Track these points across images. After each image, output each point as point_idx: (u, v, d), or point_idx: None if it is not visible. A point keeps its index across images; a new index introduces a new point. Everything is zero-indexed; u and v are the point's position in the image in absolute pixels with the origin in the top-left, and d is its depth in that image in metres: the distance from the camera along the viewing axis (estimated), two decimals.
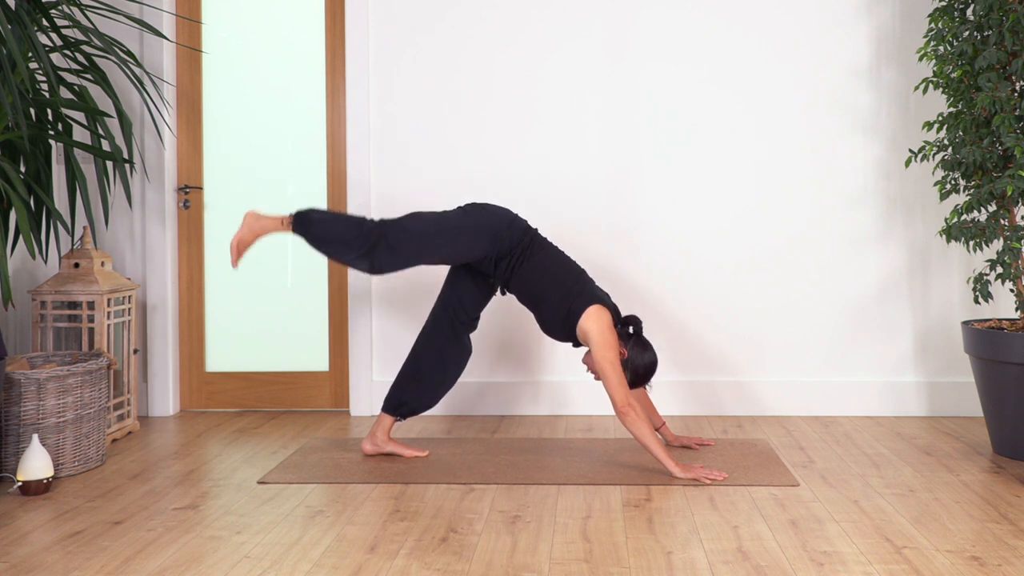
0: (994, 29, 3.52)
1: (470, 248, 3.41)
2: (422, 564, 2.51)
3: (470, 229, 3.40)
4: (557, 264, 3.45)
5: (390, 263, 3.38)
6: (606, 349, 3.30)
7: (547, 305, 3.43)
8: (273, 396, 4.56)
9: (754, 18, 4.33)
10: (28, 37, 3.40)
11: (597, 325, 3.33)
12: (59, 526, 2.85)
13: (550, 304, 3.42)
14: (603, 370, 3.30)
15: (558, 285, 3.41)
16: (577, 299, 3.38)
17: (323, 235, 3.38)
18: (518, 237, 3.44)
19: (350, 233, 3.37)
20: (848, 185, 4.33)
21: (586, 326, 3.34)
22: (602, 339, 3.31)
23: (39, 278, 4.40)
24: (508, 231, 3.43)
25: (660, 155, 4.36)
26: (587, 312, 3.35)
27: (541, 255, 3.45)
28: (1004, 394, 3.50)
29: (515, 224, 3.46)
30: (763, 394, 4.35)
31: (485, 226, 3.41)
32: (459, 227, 3.40)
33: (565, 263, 3.47)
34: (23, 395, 3.32)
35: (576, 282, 3.42)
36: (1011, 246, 3.48)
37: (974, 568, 2.45)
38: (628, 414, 3.25)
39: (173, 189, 4.51)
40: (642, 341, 3.42)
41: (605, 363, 3.29)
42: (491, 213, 3.45)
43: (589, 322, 3.34)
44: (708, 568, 2.46)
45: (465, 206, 3.49)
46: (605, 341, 3.31)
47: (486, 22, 4.39)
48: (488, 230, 3.41)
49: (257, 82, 4.54)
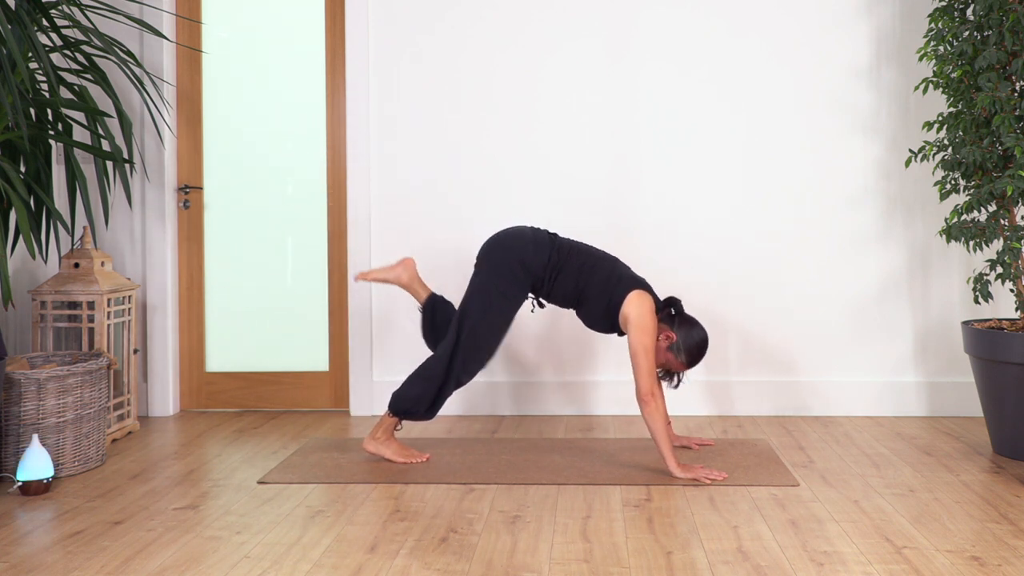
0: (994, 29, 3.52)
1: (518, 293, 3.41)
2: (422, 564, 2.51)
3: (507, 280, 3.39)
4: (589, 262, 3.43)
5: (477, 370, 3.46)
6: (643, 334, 3.28)
7: (589, 302, 3.41)
8: (273, 396, 4.56)
9: (754, 18, 4.33)
10: (28, 37, 3.40)
11: (638, 310, 3.31)
12: (59, 526, 2.85)
13: (591, 301, 3.40)
14: (636, 355, 3.28)
15: (596, 281, 3.39)
16: (617, 287, 3.37)
17: (420, 396, 3.43)
18: (545, 256, 3.42)
19: (432, 384, 3.42)
20: (848, 185, 4.33)
21: (627, 310, 3.33)
22: (641, 323, 3.29)
23: (39, 278, 4.40)
24: (534, 255, 3.41)
25: (660, 155, 4.36)
26: (628, 297, 3.34)
27: (571, 261, 3.43)
28: (1004, 394, 3.50)
29: (538, 242, 3.43)
30: (764, 394, 4.35)
31: (514, 264, 3.39)
32: (499, 291, 3.38)
33: (596, 257, 3.45)
34: (23, 395, 3.32)
35: (612, 271, 3.41)
36: (1011, 246, 3.48)
37: (974, 568, 2.45)
38: (650, 403, 3.25)
39: (173, 189, 4.51)
40: (687, 319, 3.40)
41: (640, 348, 3.27)
42: (511, 247, 3.42)
43: (630, 307, 3.32)
44: (708, 568, 2.46)
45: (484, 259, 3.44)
46: (643, 326, 3.29)
47: (486, 22, 4.39)
48: (518, 266, 3.39)
49: (257, 82, 4.54)
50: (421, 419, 3.50)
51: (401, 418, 3.51)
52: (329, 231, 4.51)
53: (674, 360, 3.43)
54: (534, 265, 3.41)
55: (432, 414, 3.50)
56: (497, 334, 3.42)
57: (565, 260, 3.43)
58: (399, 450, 3.54)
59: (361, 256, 4.40)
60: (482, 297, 3.39)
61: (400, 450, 3.54)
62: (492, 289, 3.39)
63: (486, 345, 3.42)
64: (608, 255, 3.49)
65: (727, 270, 4.36)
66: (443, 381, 3.43)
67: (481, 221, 4.39)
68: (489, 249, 3.47)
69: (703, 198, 4.36)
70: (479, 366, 3.44)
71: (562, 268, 3.42)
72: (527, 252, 3.41)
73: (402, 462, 3.50)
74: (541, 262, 3.41)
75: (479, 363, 3.43)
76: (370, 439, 3.55)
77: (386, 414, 3.54)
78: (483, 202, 4.39)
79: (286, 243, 4.55)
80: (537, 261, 3.41)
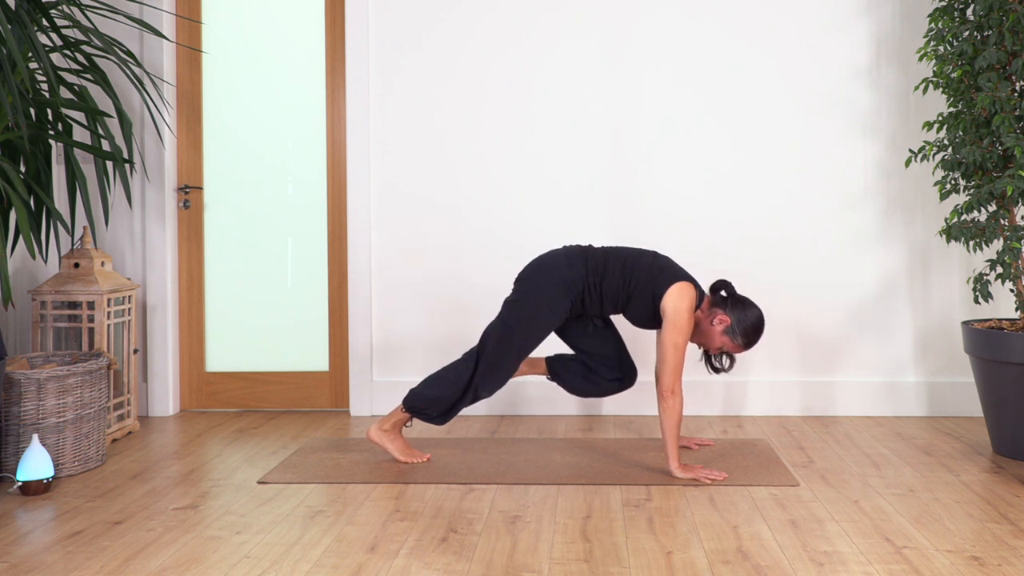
0: (994, 29, 3.52)
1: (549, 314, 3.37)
2: (422, 564, 2.51)
3: (540, 300, 3.36)
4: (631, 258, 3.39)
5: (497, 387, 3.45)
6: (676, 332, 3.24)
7: (635, 299, 3.37)
8: (273, 396, 4.56)
9: (754, 19, 4.33)
10: (28, 37, 3.40)
11: (675, 304, 3.26)
12: (59, 526, 2.85)
13: (637, 296, 3.36)
14: (664, 349, 3.24)
15: (640, 274, 3.35)
16: (659, 276, 3.32)
17: (436, 398, 3.43)
18: (582, 267, 3.38)
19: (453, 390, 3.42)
20: (848, 185, 4.33)
21: (666, 303, 3.28)
22: (676, 320, 3.25)
23: (39, 278, 4.40)
24: (569, 269, 3.38)
25: (659, 155, 4.36)
26: (670, 290, 3.29)
27: (611, 261, 3.39)
28: (1004, 394, 3.50)
29: (571, 257, 3.40)
30: (763, 394, 4.35)
31: (551, 283, 3.37)
32: (528, 312, 3.36)
33: (635, 252, 3.41)
34: (23, 395, 3.32)
35: (654, 262, 3.37)
36: (1011, 246, 3.48)
37: (974, 568, 2.45)
38: (668, 399, 3.23)
39: (173, 189, 4.51)
40: (740, 299, 3.34)
41: (670, 344, 3.23)
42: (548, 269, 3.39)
43: (669, 299, 3.27)
44: (708, 568, 2.46)
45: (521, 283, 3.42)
46: (678, 324, 3.25)
47: (486, 23, 4.39)
48: (558, 285, 3.36)
49: (257, 82, 4.54)
50: (432, 422, 3.49)
51: (413, 416, 3.51)
52: (329, 231, 4.51)
53: (730, 343, 3.36)
54: (573, 279, 3.37)
55: (445, 420, 3.49)
56: (519, 351, 3.39)
57: (604, 263, 3.39)
58: (403, 448, 3.53)
59: (361, 256, 4.40)
60: (511, 316, 3.38)
61: (404, 448, 3.54)
62: (522, 309, 3.37)
63: (507, 361, 3.39)
64: (646, 249, 3.45)
65: (727, 270, 4.36)
66: (463, 391, 3.43)
67: (479, 219, 4.39)
68: (527, 275, 3.44)
69: (703, 198, 4.36)
70: (499, 383, 3.42)
71: (605, 271, 3.38)
72: (562, 269, 3.38)
73: (403, 460, 3.50)
74: (580, 274, 3.38)
75: (500, 379, 3.41)
76: (376, 428, 3.53)
77: (399, 408, 3.53)
78: (482, 201, 4.39)
79: (286, 243, 4.55)
80: (575, 274, 3.38)
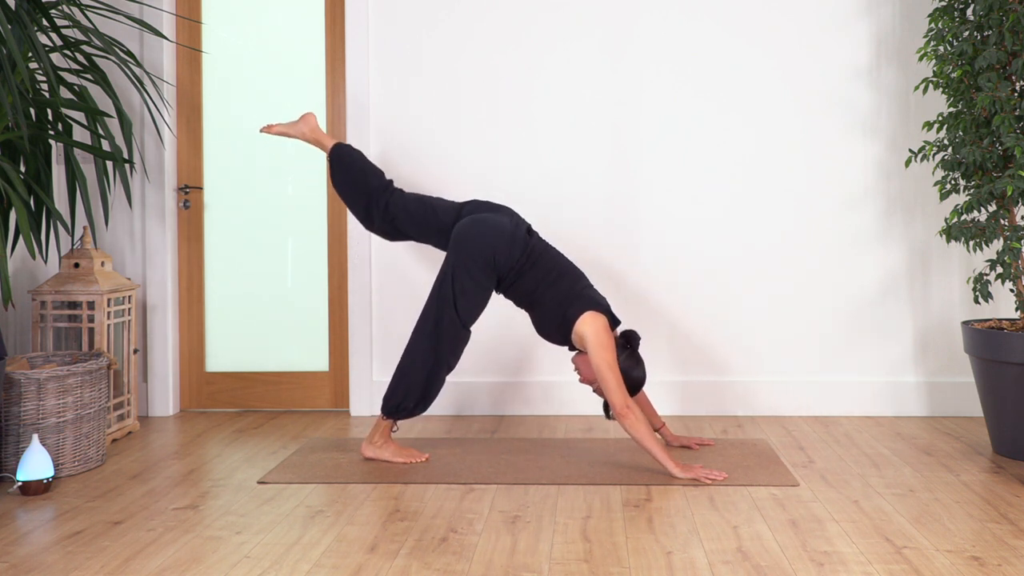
0: (994, 29, 3.52)
1: (489, 282, 3.44)
2: (422, 564, 2.51)
3: (479, 269, 3.41)
4: (555, 270, 3.46)
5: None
6: (603, 351, 3.30)
7: (543, 309, 3.45)
8: (273, 396, 4.56)
9: (754, 19, 4.33)
10: (28, 37, 3.40)
11: (593, 328, 3.33)
12: (59, 526, 2.85)
13: (546, 308, 3.43)
14: (601, 372, 3.28)
15: (555, 291, 3.42)
16: (575, 303, 3.39)
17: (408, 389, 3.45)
18: (516, 256, 3.43)
19: (419, 375, 3.44)
20: (848, 185, 4.33)
21: (582, 330, 3.35)
22: (598, 341, 3.31)
23: (39, 278, 4.40)
24: (507, 253, 3.42)
25: (659, 155, 4.36)
26: (582, 317, 3.36)
27: (538, 266, 3.45)
28: (1004, 394, 3.50)
29: (514, 241, 3.44)
30: (763, 394, 4.35)
31: (486, 256, 3.41)
32: (473, 279, 3.41)
33: (563, 268, 3.48)
34: (23, 395, 3.32)
35: (572, 287, 3.43)
36: (1011, 246, 3.48)
37: (974, 568, 2.45)
38: (627, 416, 3.25)
39: (173, 189, 4.51)
40: (636, 356, 3.42)
41: (603, 364, 3.28)
42: (487, 241, 3.42)
43: (584, 326, 3.35)
44: (708, 568, 2.46)
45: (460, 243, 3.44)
46: (601, 343, 3.31)
47: (486, 23, 4.39)
48: (490, 260, 3.41)
49: (257, 82, 4.54)
50: (412, 414, 3.50)
51: (394, 418, 3.51)
52: (329, 231, 4.51)
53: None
54: (503, 263, 3.43)
55: (424, 407, 3.50)
56: (474, 313, 3.46)
57: (532, 265, 3.45)
58: (398, 451, 3.53)
59: (361, 256, 4.40)
60: (458, 282, 3.42)
61: (399, 451, 3.53)
62: (466, 275, 3.41)
63: (466, 325, 3.45)
64: (575, 269, 3.51)
65: (727, 269, 4.36)
66: (431, 369, 3.44)
67: None
68: (466, 235, 3.45)
69: (702, 197, 4.36)
70: (463, 344, 3.47)
71: (525, 272, 3.45)
72: (500, 248, 3.42)
73: (402, 462, 3.50)
74: (510, 262, 3.43)
75: (462, 342, 3.47)
76: (367, 444, 3.55)
77: (379, 417, 3.55)
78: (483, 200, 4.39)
79: (286, 243, 4.55)
80: (507, 260, 3.43)
